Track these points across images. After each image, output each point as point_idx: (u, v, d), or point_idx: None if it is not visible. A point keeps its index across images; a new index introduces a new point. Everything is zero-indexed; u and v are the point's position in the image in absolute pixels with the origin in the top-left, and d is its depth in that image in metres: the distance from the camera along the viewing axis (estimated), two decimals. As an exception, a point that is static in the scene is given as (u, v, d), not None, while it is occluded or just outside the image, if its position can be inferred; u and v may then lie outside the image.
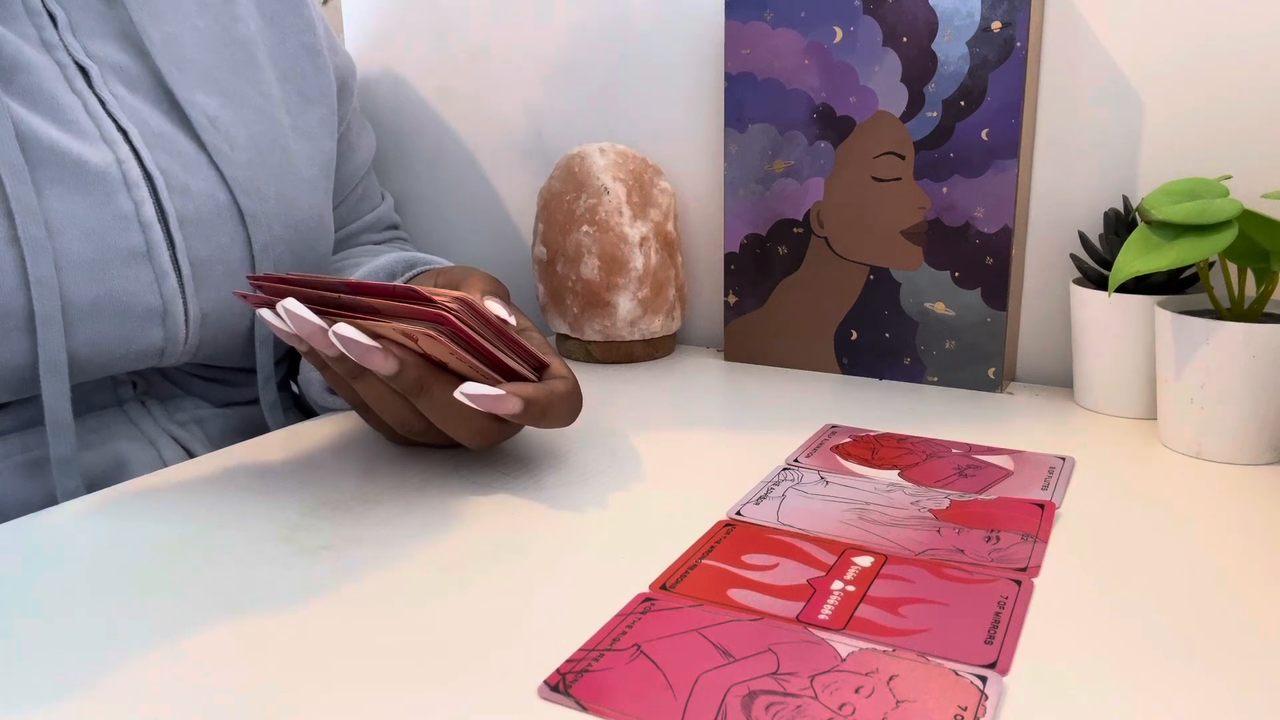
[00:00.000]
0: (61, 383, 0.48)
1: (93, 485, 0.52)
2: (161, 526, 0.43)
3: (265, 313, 0.43)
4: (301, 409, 0.67)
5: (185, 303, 0.53)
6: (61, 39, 0.51)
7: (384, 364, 0.42)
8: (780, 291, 0.70)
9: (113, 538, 0.42)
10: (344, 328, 0.41)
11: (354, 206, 0.75)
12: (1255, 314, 0.52)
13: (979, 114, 0.61)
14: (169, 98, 0.55)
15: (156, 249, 0.51)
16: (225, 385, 0.62)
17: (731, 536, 0.42)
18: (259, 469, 0.51)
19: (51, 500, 0.50)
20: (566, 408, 0.46)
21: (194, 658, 0.33)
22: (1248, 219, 0.49)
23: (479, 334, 0.44)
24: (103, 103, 0.51)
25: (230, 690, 0.31)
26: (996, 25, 0.60)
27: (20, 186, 0.46)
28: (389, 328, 0.43)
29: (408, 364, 0.43)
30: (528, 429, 0.56)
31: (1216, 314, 0.53)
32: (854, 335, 0.68)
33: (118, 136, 0.51)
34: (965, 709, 0.29)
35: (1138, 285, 0.58)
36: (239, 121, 0.57)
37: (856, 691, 0.30)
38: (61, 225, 0.48)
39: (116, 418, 0.55)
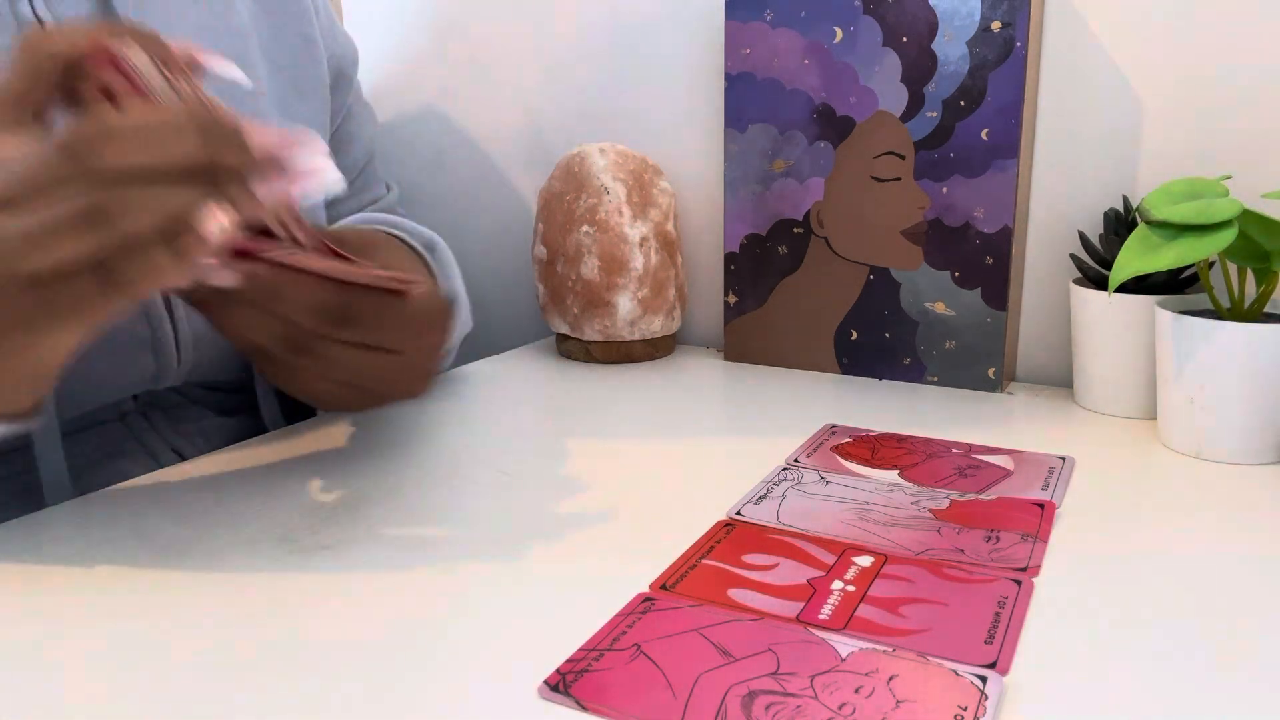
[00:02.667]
0: (49, 419, 0.48)
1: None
2: (160, 527, 0.43)
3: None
4: (303, 411, 0.67)
5: (175, 326, 0.52)
6: None
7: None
8: (780, 291, 0.70)
9: (109, 539, 0.42)
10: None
11: (354, 197, 0.74)
12: (1255, 314, 0.52)
13: (979, 114, 0.61)
14: None
15: None
16: (228, 393, 0.61)
17: (731, 536, 0.42)
18: (258, 469, 0.50)
19: None
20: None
21: (193, 658, 0.33)
22: (1248, 219, 0.49)
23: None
24: None
25: (228, 691, 0.31)
26: (996, 25, 0.60)
27: None
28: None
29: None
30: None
31: (1216, 314, 0.53)
32: (854, 335, 0.68)
33: None
34: (965, 709, 0.29)
35: (1138, 285, 0.57)
36: None
37: (856, 691, 0.30)
38: None
39: (118, 432, 0.54)
